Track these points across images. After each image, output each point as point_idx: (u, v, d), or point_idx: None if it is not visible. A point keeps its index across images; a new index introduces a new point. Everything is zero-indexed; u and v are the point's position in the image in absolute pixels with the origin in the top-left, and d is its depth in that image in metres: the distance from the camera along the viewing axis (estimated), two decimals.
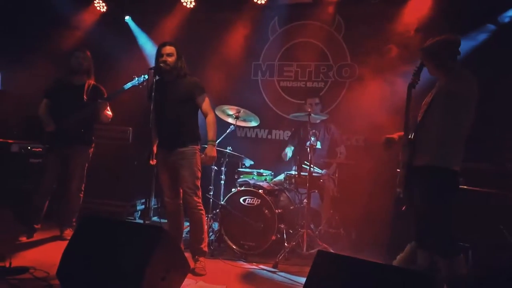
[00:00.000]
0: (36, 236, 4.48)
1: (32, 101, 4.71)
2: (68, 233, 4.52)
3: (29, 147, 5.26)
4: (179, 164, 3.88)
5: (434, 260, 3.04)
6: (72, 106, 4.46)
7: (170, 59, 3.86)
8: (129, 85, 4.38)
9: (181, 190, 3.97)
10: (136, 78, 4.34)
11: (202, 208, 3.93)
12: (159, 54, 3.89)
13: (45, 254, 3.96)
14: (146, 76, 4.15)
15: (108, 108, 4.68)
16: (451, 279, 2.93)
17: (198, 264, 3.84)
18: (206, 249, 3.99)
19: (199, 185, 3.92)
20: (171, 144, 3.92)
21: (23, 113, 5.55)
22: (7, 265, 3.32)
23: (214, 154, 3.91)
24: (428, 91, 3.26)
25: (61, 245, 3.08)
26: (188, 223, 4.06)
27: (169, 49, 3.89)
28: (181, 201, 4.04)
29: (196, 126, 4.04)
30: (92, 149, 4.69)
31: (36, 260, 3.65)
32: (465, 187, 3.65)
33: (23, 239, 4.35)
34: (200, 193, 3.92)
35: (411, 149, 3.14)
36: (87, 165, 4.66)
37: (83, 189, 4.66)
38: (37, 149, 5.25)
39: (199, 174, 3.92)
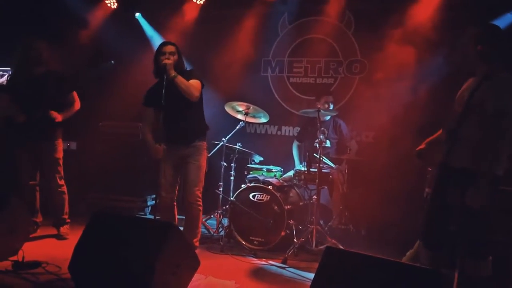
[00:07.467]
0: (49, 231, 4.51)
1: None
2: (64, 230, 4.45)
3: None
4: (187, 158, 3.99)
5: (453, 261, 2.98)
6: (34, 99, 4.23)
7: (173, 57, 3.92)
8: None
9: (177, 186, 4.12)
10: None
11: (201, 203, 4.04)
12: (160, 53, 3.92)
13: (58, 249, 4.01)
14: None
15: (75, 97, 4.47)
16: (474, 280, 2.85)
17: None
18: (198, 244, 4.10)
19: (203, 180, 4.04)
20: (180, 140, 4.00)
21: None
22: (20, 259, 3.35)
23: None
24: None
25: (73, 240, 3.12)
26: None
27: (170, 47, 3.94)
28: (175, 196, 4.13)
29: (202, 119, 4.15)
30: (60, 140, 4.44)
31: (49, 255, 3.70)
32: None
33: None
34: (202, 188, 4.04)
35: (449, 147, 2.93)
36: (61, 158, 4.44)
37: (63, 183, 4.47)
38: None
39: (205, 170, 4.06)
